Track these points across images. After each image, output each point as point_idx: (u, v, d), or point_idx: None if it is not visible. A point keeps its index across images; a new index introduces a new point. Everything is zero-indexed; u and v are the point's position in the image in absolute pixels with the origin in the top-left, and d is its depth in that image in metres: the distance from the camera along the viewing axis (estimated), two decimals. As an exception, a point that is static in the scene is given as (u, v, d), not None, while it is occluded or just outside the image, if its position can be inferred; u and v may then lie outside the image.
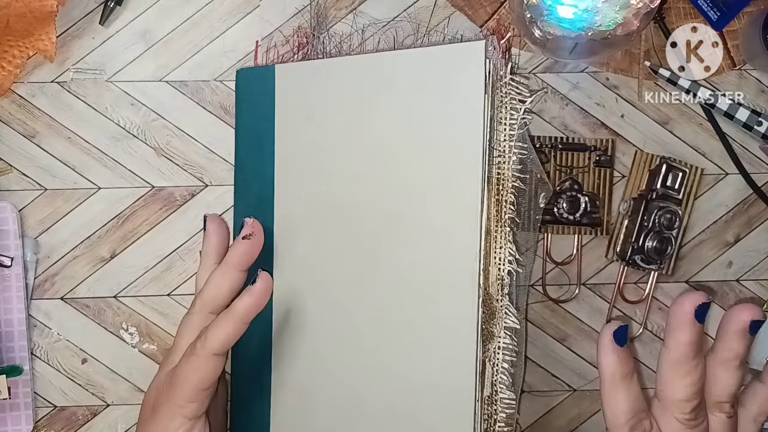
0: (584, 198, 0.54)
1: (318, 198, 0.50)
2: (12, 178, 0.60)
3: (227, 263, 0.51)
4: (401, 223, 0.48)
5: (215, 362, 0.48)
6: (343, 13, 0.60)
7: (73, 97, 0.60)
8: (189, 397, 0.48)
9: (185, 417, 0.48)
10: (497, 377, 0.49)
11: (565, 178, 0.53)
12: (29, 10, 0.55)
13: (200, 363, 0.48)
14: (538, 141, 0.55)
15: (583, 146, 0.54)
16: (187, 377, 0.48)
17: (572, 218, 0.55)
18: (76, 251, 0.61)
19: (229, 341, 0.48)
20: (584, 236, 0.61)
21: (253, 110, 0.53)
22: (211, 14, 0.61)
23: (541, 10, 0.55)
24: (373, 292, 0.48)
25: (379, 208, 0.48)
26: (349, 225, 0.49)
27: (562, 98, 0.61)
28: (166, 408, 0.49)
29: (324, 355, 0.50)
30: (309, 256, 0.51)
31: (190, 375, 0.48)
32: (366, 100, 0.49)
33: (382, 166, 0.48)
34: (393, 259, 0.48)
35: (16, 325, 0.59)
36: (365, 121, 0.49)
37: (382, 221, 0.48)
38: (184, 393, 0.48)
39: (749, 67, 0.62)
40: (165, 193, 0.61)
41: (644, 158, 0.61)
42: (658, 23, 0.61)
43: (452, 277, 0.46)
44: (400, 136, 0.48)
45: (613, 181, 0.58)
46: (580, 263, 0.61)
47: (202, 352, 0.48)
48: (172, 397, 0.48)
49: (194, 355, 0.48)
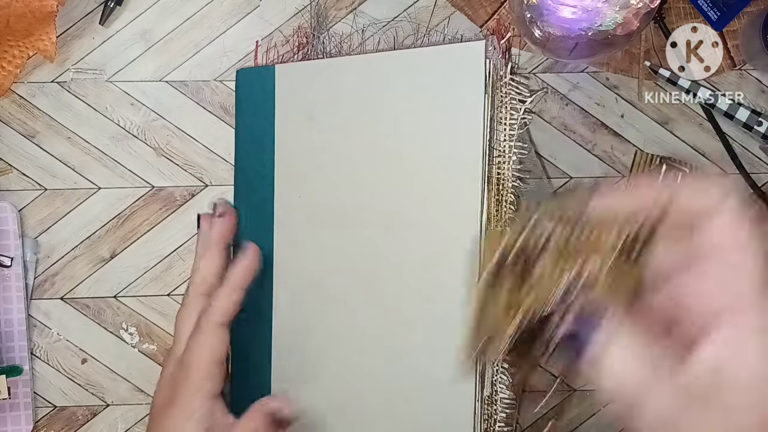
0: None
1: (318, 198, 0.50)
2: (12, 178, 0.60)
3: (208, 244, 0.54)
4: (401, 222, 0.48)
5: (222, 334, 0.50)
6: (343, 13, 0.60)
7: (73, 97, 0.60)
8: (205, 375, 0.49)
9: (204, 398, 0.49)
10: (497, 377, 0.49)
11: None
12: (29, 10, 0.55)
13: (208, 337, 0.49)
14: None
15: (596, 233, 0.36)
16: (199, 355, 0.49)
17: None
18: (76, 251, 0.61)
19: (231, 310, 0.50)
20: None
21: (253, 110, 0.53)
22: (211, 14, 0.61)
23: (541, 10, 0.55)
24: (373, 291, 0.48)
25: (379, 208, 0.48)
26: (349, 225, 0.49)
27: (562, 98, 0.61)
28: (184, 393, 0.49)
29: (324, 354, 0.51)
30: (309, 256, 0.51)
31: (201, 352, 0.49)
32: (366, 100, 0.49)
33: (383, 166, 0.48)
34: (393, 259, 0.48)
35: (16, 325, 0.59)
36: (366, 121, 0.49)
37: (382, 221, 0.48)
38: (200, 372, 0.49)
39: (749, 67, 0.62)
40: (165, 193, 0.61)
41: (644, 158, 0.61)
42: (658, 23, 0.61)
43: (452, 276, 0.46)
44: (400, 136, 0.48)
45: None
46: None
47: (208, 325, 0.50)
48: (188, 381, 0.49)
49: (201, 332, 0.50)
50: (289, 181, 0.51)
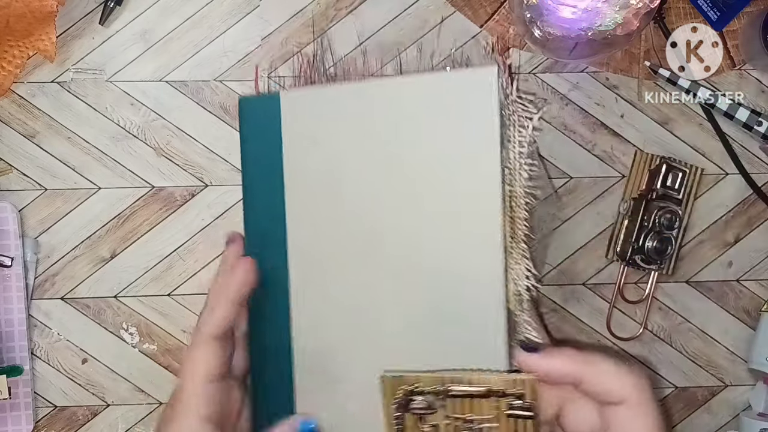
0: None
1: (333, 227, 0.50)
2: (12, 178, 0.60)
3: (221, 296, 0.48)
4: (420, 247, 0.48)
5: (217, 348, 0.45)
6: (343, 13, 0.60)
7: (73, 97, 0.60)
8: (199, 396, 0.45)
9: (198, 423, 0.44)
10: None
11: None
12: (29, 10, 0.55)
13: (201, 351, 0.45)
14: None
15: (487, 392, 0.42)
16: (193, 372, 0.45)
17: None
18: (76, 251, 0.61)
19: (225, 322, 0.46)
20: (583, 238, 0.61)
21: (259, 139, 0.52)
22: (211, 14, 0.61)
23: (540, 10, 0.55)
24: (396, 316, 0.48)
25: (397, 235, 0.48)
26: (367, 252, 0.49)
27: (561, 98, 0.61)
28: (178, 415, 0.45)
29: (350, 385, 0.50)
30: (328, 286, 0.50)
31: (196, 369, 0.45)
32: (378, 126, 0.49)
33: (398, 191, 0.48)
34: (414, 283, 0.48)
35: (16, 325, 0.59)
36: (378, 148, 0.49)
37: (401, 247, 0.48)
38: (195, 393, 0.45)
39: (749, 67, 0.62)
40: (165, 193, 0.61)
41: (644, 158, 0.61)
42: (658, 23, 0.61)
43: (476, 299, 0.46)
44: (413, 161, 0.48)
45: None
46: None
47: (201, 338, 0.45)
48: (182, 403, 0.45)
49: (193, 346, 0.45)
50: (301, 211, 0.50)
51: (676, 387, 0.63)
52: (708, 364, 0.63)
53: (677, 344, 0.62)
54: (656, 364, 0.62)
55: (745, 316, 0.62)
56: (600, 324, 0.62)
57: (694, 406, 0.63)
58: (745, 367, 0.63)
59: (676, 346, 0.62)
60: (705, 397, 0.63)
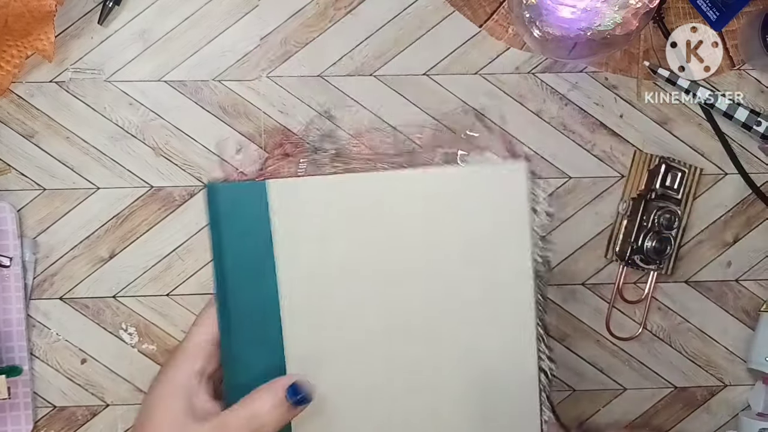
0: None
1: (343, 327, 0.47)
2: (11, 178, 0.60)
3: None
4: (446, 345, 0.46)
5: None
6: (342, 13, 0.60)
7: (71, 96, 0.60)
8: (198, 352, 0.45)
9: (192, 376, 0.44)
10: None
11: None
12: (28, 9, 0.55)
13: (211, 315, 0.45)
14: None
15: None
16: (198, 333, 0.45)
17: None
18: (75, 251, 0.61)
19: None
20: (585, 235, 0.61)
21: (239, 232, 0.45)
22: (210, 14, 0.60)
23: (540, 10, 0.55)
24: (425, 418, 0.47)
25: (419, 330, 0.47)
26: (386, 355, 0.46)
27: (561, 98, 0.61)
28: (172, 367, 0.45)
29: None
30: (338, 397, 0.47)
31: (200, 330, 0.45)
32: (388, 218, 0.46)
33: (417, 286, 0.46)
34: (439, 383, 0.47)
35: (15, 325, 0.59)
36: (388, 240, 0.46)
37: (427, 344, 0.47)
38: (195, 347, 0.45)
39: (748, 67, 0.62)
40: (164, 193, 0.61)
41: (643, 158, 0.61)
42: (657, 23, 0.61)
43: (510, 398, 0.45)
44: (439, 252, 0.46)
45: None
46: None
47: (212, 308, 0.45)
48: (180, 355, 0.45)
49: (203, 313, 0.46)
50: (302, 313, 0.45)
51: (676, 387, 0.63)
52: (707, 364, 0.63)
53: (676, 344, 0.62)
54: (655, 364, 0.63)
55: (744, 316, 0.63)
56: (599, 324, 0.62)
57: (694, 406, 0.63)
58: (744, 367, 0.63)
59: (676, 346, 0.62)
60: (704, 397, 0.63)
